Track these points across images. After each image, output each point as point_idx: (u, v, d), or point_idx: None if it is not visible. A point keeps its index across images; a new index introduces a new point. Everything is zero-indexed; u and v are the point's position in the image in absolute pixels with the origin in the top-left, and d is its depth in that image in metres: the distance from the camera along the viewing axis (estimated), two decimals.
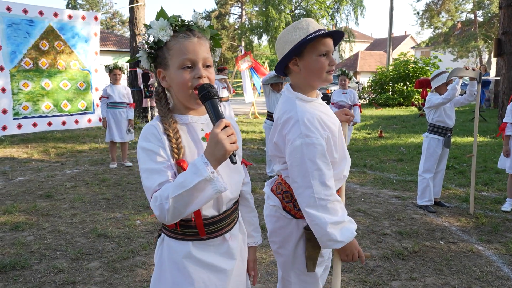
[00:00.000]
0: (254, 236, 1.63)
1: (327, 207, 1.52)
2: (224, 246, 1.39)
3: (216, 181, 1.15)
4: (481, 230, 3.86)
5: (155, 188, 1.20)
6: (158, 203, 1.17)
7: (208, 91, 1.23)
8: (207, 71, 1.31)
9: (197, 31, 1.32)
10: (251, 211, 1.63)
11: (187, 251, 1.32)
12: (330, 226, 1.51)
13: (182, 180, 1.15)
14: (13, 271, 2.97)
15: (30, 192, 5.00)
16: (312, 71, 1.64)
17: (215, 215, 1.35)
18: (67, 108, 8.67)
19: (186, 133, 1.33)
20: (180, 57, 1.28)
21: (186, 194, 1.14)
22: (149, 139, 1.27)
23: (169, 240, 1.36)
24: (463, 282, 2.90)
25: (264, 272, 3.05)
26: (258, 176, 5.92)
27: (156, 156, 1.24)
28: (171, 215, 1.17)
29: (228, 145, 1.13)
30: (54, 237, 3.62)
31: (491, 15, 28.90)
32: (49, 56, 8.30)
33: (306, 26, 1.63)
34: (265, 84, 5.40)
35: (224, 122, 1.16)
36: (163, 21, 1.29)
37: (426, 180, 4.40)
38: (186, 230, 1.33)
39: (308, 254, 1.69)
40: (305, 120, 1.56)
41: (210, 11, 42.34)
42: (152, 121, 1.32)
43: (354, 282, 2.89)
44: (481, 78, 4.09)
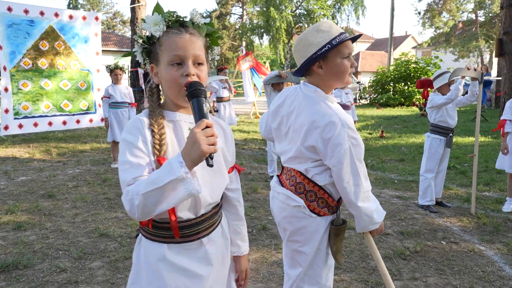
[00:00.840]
0: (240, 246, 1.56)
1: (370, 197, 1.74)
2: (201, 251, 1.34)
3: (189, 182, 1.11)
4: (482, 230, 3.86)
5: (130, 182, 1.17)
6: (129, 197, 1.14)
7: (196, 89, 1.19)
8: (197, 69, 1.27)
9: (191, 28, 1.29)
10: (238, 219, 1.56)
11: (161, 254, 1.29)
12: (374, 213, 1.74)
13: (155, 177, 1.12)
14: (16, 271, 2.98)
15: (32, 192, 5.01)
16: (336, 74, 1.70)
17: (191, 218, 1.31)
18: (68, 108, 8.68)
19: (172, 130, 1.30)
20: (169, 53, 1.25)
21: (157, 192, 1.10)
22: (132, 132, 1.24)
23: (145, 241, 1.33)
24: (465, 282, 2.90)
25: (266, 272, 3.05)
26: (259, 176, 5.92)
27: (136, 150, 1.21)
28: (140, 212, 1.13)
29: (205, 146, 1.09)
30: (56, 237, 3.63)
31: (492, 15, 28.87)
32: (49, 56, 8.32)
33: (328, 28, 1.67)
34: (266, 84, 5.40)
35: (205, 122, 1.12)
36: (157, 16, 1.26)
37: (427, 180, 4.40)
38: (160, 232, 1.30)
39: (337, 248, 1.80)
40: (349, 123, 1.67)
41: (211, 11, 42.37)
42: (139, 115, 1.30)
43: (356, 282, 2.89)
44: (483, 78, 4.09)
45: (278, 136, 1.92)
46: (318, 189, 1.75)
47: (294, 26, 32.65)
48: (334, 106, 1.73)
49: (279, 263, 3.16)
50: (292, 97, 1.83)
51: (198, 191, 1.13)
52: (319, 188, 1.75)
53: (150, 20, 1.26)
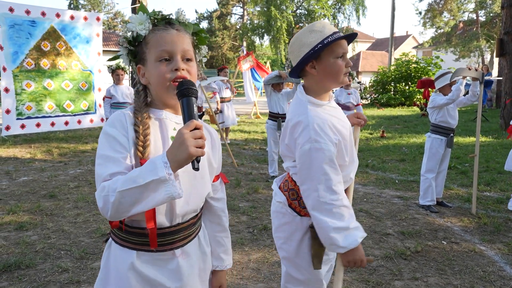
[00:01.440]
0: (224, 259, 1.48)
1: (332, 212, 1.54)
2: (173, 263, 1.26)
3: (171, 185, 1.05)
4: (483, 230, 3.87)
5: (106, 178, 1.11)
6: (104, 193, 1.07)
7: (187, 88, 1.14)
8: (186, 64, 1.23)
9: (177, 25, 1.26)
10: (222, 230, 1.48)
11: (130, 262, 1.21)
12: (334, 231, 1.53)
13: (135, 175, 1.06)
14: (18, 271, 2.99)
15: (33, 192, 5.03)
16: (329, 74, 1.66)
17: (165, 226, 1.23)
18: (70, 108, 8.71)
19: (157, 128, 1.25)
20: (157, 49, 1.21)
21: (135, 191, 1.04)
22: (115, 125, 1.19)
23: (115, 246, 1.26)
24: (465, 282, 2.91)
25: (267, 272, 3.06)
26: (260, 176, 5.93)
27: (117, 144, 1.16)
28: (114, 210, 1.07)
29: (192, 148, 1.03)
30: (58, 237, 3.64)
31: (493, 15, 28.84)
32: (50, 56, 8.34)
33: (321, 28, 1.64)
34: (267, 85, 5.41)
35: (194, 123, 1.07)
36: (142, 15, 1.23)
37: (428, 180, 4.40)
38: (131, 237, 1.23)
39: (314, 252, 1.72)
40: (315, 126, 1.58)
41: (212, 11, 42.39)
42: (124, 109, 1.24)
43: (357, 282, 2.90)
44: (484, 78, 4.10)
45: None
46: (299, 188, 1.72)
47: (295, 26, 32.65)
48: (312, 108, 1.66)
49: (280, 263, 3.16)
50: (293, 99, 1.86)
51: (179, 194, 1.07)
52: (299, 188, 1.72)
53: (135, 19, 1.23)
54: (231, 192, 5.07)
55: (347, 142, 1.69)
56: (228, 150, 6.67)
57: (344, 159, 1.67)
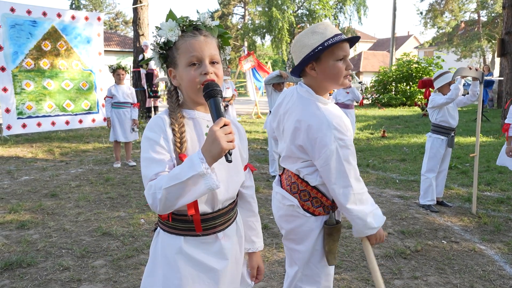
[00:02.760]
0: (255, 242, 1.61)
1: (363, 200, 1.67)
2: (216, 245, 1.38)
3: (209, 178, 1.16)
4: (483, 230, 3.87)
5: (152, 177, 1.22)
6: (151, 191, 1.19)
7: (212, 89, 1.26)
8: (214, 67, 1.33)
9: (204, 30, 1.35)
10: (253, 215, 1.61)
11: (178, 246, 1.33)
12: (369, 216, 1.67)
13: (177, 172, 1.17)
14: (19, 269, 3.01)
15: (35, 191, 5.05)
16: (329, 76, 1.68)
17: (208, 212, 1.35)
18: (70, 107, 8.73)
19: (191, 127, 1.36)
20: (187, 55, 1.31)
21: (178, 187, 1.16)
22: (154, 129, 1.30)
23: (163, 234, 1.38)
24: (465, 281, 2.92)
25: (267, 270, 3.07)
26: (261, 176, 5.94)
27: (158, 146, 1.27)
28: (162, 205, 1.19)
29: (224, 143, 1.15)
30: (59, 236, 3.66)
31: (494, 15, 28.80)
32: (50, 56, 8.36)
33: (323, 30, 1.65)
34: (267, 84, 5.42)
35: (223, 121, 1.18)
36: (172, 22, 1.33)
37: (429, 179, 4.41)
38: (179, 224, 1.34)
39: (329, 249, 1.78)
40: (335, 124, 1.64)
41: (213, 11, 42.41)
42: (160, 113, 1.36)
43: (357, 281, 2.91)
44: (484, 78, 4.10)
45: (279, 136, 1.96)
46: (311, 189, 1.75)
47: (296, 26, 32.66)
48: (324, 107, 1.70)
49: (280, 262, 3.18)
50: (289, 97, 1.85)
51: (217, 186, 1.18)
52: (312, 188, 1.76)
53: (165, 26, 1.33)
54: None
55: (352, 136, 1.75)
56: None
57: None
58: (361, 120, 12.94)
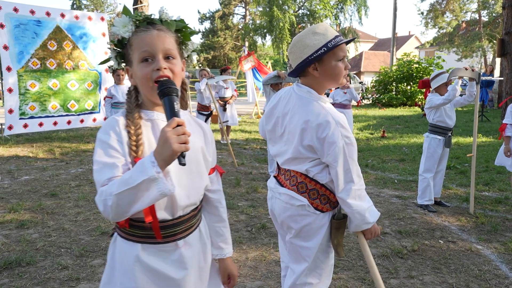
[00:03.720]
0: (223, 248, 1.54)
1: (361, 196, 1.76)
2: (176, 254, 1.31)
3: (161, 182, 1.10)
4: (480, 230, 3.89)
5: (104, 183, 1.16)
6: (102, 198, 1.13)
7: (167, 87, 1.18)
8: (169, 63, 1.26)
9: (159, 24, 1.29)
10: (220, 220, 1.54)
11: (135, 254, 1.26)
12: (366, 211, 1.76)
13: (127, 177, 1.11)
14: (18, 268, 3.04)
15: (35, 191, 5.08)
16: (330, 76, 1.74)
17: (167, 219, 1.28)
18: (74, 108, 8.77)
19: (149, 129, 1.29)
20: (139, 51, 1.25)
21: (130, 192, 1.09)
22: (107, 131, 1.23)
23: (120, 241, 1.31)
24: (461, 281, 2.93)
25: (264, 270, 3.09)
26: (260, 176, 5.96)
27: (111, 149, 1.20)
28: (114, 212, 1.13)
29: (175, 144, 1.07)
30: (58, 235, 3.68)
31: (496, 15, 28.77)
32: (58, 56, 8.38)
33: (324, 31, 1.71)
34: (265, 85, 5.44)
35: (176, 121, 1.11)
36: (125, 18, 1.27)
37: (426, 179, 4.43)
38: (136, 231, 1.27)
39: (337, 242, 1.85)
40: (342, 123, 1.71)
41: (214, 11, 42.44)
42: (116, 114, 1.29)
43: (353, 280, 2.93)
44: (480, 78, 4.12)
45: (273, 138, 1.95)
46: (320, 187, 1.80)
47: (297, 26, 32.66)
48: (327, 106, 1.77)
49: (277, 261, 3.20)
50: (286, 99, 1.87)
51: (170, 190, 1.12)
52: (321, 186, 1.80)
53: (119, 23, 1.27)
54: (231, 191, 5.10)
55: None
56: (230, 149, 6.72)
57: None
58: (361, 120, 12.95)
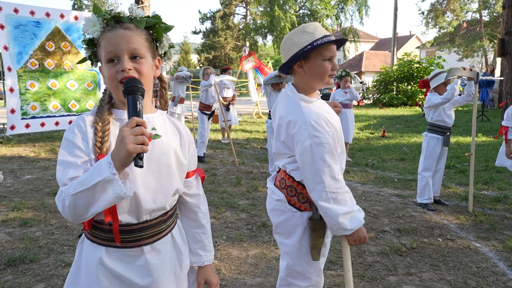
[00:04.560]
0: (201, 256, 1.46)
1: (338, 199, 1.68)
2: (141, 260, 1.26)
3: (116, 184, 1.06)
4: (479, 228, 3.92)
5: (65, 182, 1.13)
6: (61, 198, 1.11)
7: (131, 86, 1.15)
8: (136, 63, 1.22)
9: (127, 23, 1.23)
10: (198, 226, 1.47)
11: (99, 257, 1.23)
12: (341, 217, 1.67)
13: (84, 178, 1.08)
14: (22, 265, 3.08)
15: (37, 190, 5.12)
16: (315, 74, 1.76)
17: (132, 223, 1.23)
18: (75, 108, 8.81)
19: (117, 128, 1.23)
20: (105, 51, 1.22)
21: (86, 193, 1.07)
22: (73, 130, 1.20)
23: (87, 242, 1.27)
24: (458, 277, 2.97)
25: (265, 267, 3.13)
26: (260, 175, 6.00)
27: (75, 149, 1.17)
28: (72, 213, 1.10)
29: (131, 145, 1.03)
30: (61, 233, 3.73)
31: (497, 15, 28.77)
32: (55, 56, 8.44)
33: (313, 30, 1.73)
34: (266, 84, 5.48)
35: (135, 121, 1.07)
36: (94, 17, 1.22)
37: (425, 178, 4.46)
38: (99, 233, 1.24)
39: (313, 244, 1.82)
40: (312, 121, 1.68)
41: (215, 11, 42.49)
42: (85, 113, 1.26)
43: (352, 277, 2.96)
44: (479, 78, 4.15)
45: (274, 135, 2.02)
46: (297, 185, 1.80)
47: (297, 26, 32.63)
48: (306, 105, 1.76)
49: (277, 259, 3.23)
50: (281, 98, 1.92)
51: (126, 194, 1.08)
52: (298, 184, 1.80)
53: (88, 22, 1.23)
54: (232, 190, 5.14)
55: (339, 134, 1.79)
56: (232, 149, 6.77)
57: (336, 149, 1.76)
58: (361, 119, 12.99)
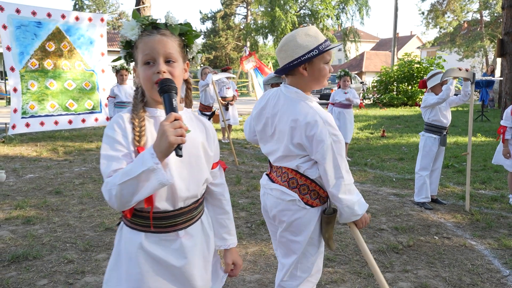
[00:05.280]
0: (227, 239, 1.63)
1: (351, 190, 1.86)
2: (177, 243, 1.38)
3: (159, 173, 1.18)
4: (475, 226, 3.98)
5: (109, 174, 1.25)
6: (108, 188, 1.22)
7: (166, 85, 1.28)
8: (169, 66, 1.35)
9: (163, 29, 1.37)
10: (223, 213, 1.63)
11: (139, 242, 1.35)
12: (355, 205, 1.86)
13: (129, 168, 1.20)
14: (25, 261, 3.14)
15: (40, 189, 5.18)
16: (317, 77, 1.86)
17: (168, 210, 1.36)
18: (73, 107, 8.87)
19: (152, 125, 1.38)
20: (142, 54, 1.35)
21: (132, 182, 1.18)
22: (113, 127, 1.33)
23: (126, 229, 1.39)
24: (454, 274, 3.02)
25: (263, 264, 3.19)
26: (260, 174, 6.05)
27: (116, 144, 1.29)
28: (119, 201, 1.22)
29: (172, 137, 1.16)
30: (64, 231, 3.79)
31: (497, 15, 28.79)
32: (54, 56, 8.51)
33: (316, 34, 1.83)
34: (266, 84, 5.54)
35: (173, 115, 1.20)
36: (133, 22, 1.37)
37: (422, 177, 4.52)
38: (139, 220, 1.36)
39: (329, 235, 1.95)
40: (329, 121, 1.81)
41: (216, 11, 42.56)
42: (122, 112, 1.39)
43: (349, 274, 3.02)
44: (475, 78, 4.21)
45: (264, 138, 2.05)
46: (310, 183, 1.89)
47: (298, 26, 32.71)
48: (314, 105, 1.86)
49: (275, 256, 3.29)
50: (274, 100, 1.96)
51: (168, 181, 1.21)
52: (311, 182, 1.89)
53: (127, 25, 1.37)
54: (232, 189, 5.20)
55: None
56: (232, 148, 6.82)
57: None
58: (361, 120, 13.03)
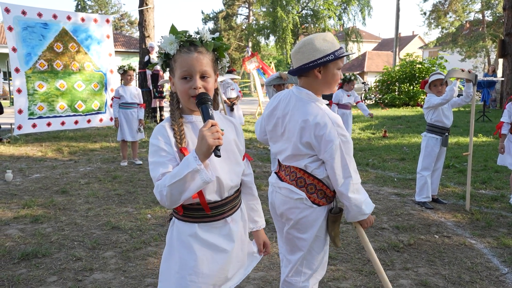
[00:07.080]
0: (258, 221, 1.87)
1: (359, 189, 1.92)
2: (226, 229, 1.59)
3: (203, 172, 1.36)
4: (475, 225, 4.04)
5: (158, 178, 1.42)
6: (159, 190, 1.40)
7: (202, 98, 1.46)
8: (204, 81, 1.51)
9: (200, 46, 1.51)
10: (254, 198, 1.85)
11: (193, 231, 1.54)
12: (363, 204, 1.93)
13: (176, 171, 1.37)
14: (35, 259, 3.22)
15: (46, 188, 5.27)
16: (329, 81, 1.95)
17: (217, 200, 1.56)
18: (81, 108, 8.98)
19: (190, 130, 1.55)
20: (181, 69, 1.50)
21: (179, 183, 1.35)
22: (157, 136, 1.50)
23: (178, 222, 1.59)
24: (453, 272, 3.09)
25: (267, 261, 3.26)
26: (263, 174, 6.12)
27: (161, 151, 1.47)
28: (169, 200, 1.39)
29: (210, 140, 1.33)
30: (71, 229, 3.87)
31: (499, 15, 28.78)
32: (64, 57, 8.60)
33: (332, 40, 1.92)
34: (268, 86, 5.60)
35: (210, 122, 1.37)
36: (172, 37, 1.51)
37: (424, 177, 4.58)
38: (192, 213, 1.55)
39: (335, 233, 2.03)
40: (338, 122, 1.88)
41: (218, 11, 42.64)
42: (162, 122, 1.56)
43: (351, 271, 3.09)
44: (477, 80, 4.27)
45: (274, 137, 2.12)
46: (318, 182, 1.96)
47: (300, 26, 32.80)
48: (324, 107, 1.95)
49: (279, 254, 3.36)
50: (285, 101, 2.04)
51: (211, 178, 1.38)
52: (319, 181, 1.96)
53: (166, 40, 1.51)
54: None
55: None
56: None
57: None
58: (363, 120, 13.09)
